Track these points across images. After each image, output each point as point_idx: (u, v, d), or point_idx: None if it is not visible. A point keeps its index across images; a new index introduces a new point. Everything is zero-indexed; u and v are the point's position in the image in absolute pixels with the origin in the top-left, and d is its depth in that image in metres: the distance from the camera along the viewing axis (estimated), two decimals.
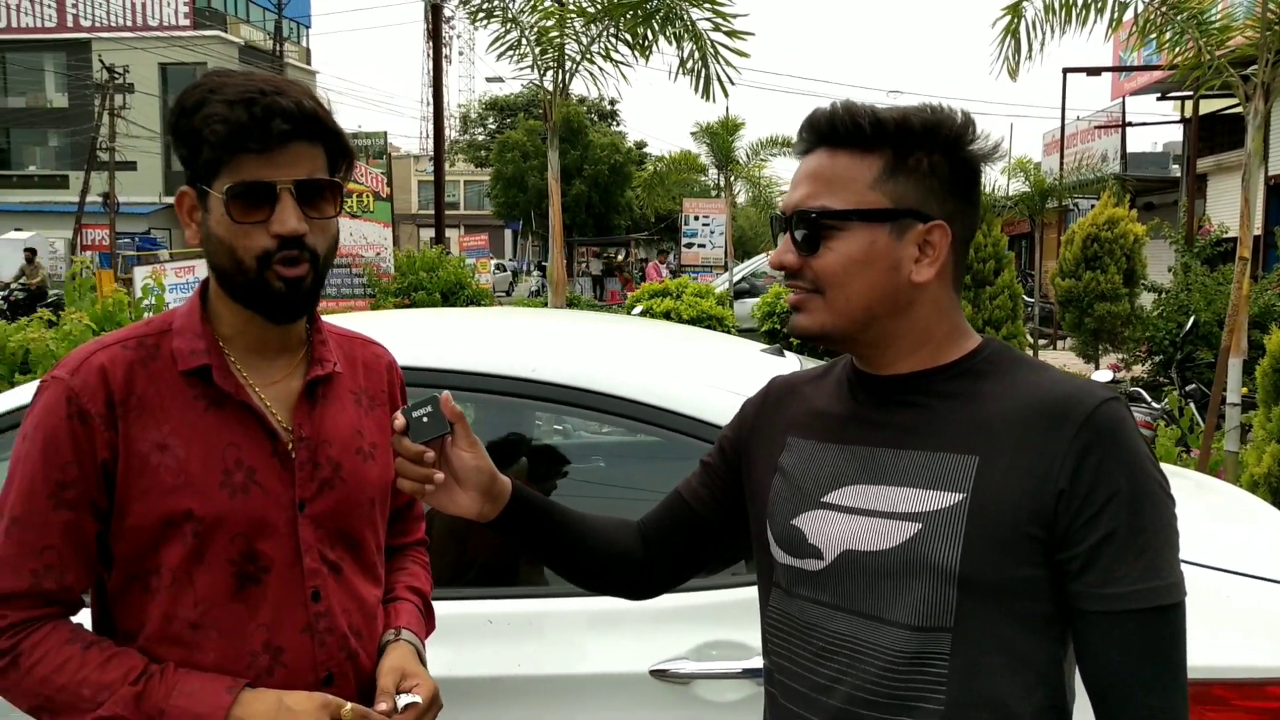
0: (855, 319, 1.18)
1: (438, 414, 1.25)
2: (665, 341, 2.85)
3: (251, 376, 1.38)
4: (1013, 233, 23.67)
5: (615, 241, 34.12)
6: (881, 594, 1.15)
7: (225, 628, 1.32)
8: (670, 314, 10.73)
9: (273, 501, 1.35)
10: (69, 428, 1.28)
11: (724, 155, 18.32)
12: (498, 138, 39.41)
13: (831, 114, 1.18)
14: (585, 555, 1.40)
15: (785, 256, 1.20)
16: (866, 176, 1.16)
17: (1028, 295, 15.23)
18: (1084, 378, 1.18)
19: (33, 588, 1.28)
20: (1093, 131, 24.98)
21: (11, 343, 4.45)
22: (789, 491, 1.26)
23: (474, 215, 53.40)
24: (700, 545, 1.43)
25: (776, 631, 1.27)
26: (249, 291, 1.32)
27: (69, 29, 42.91)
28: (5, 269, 33.63)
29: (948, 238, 1.18)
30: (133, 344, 1.35)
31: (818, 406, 1.30)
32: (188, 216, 1.36)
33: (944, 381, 1.19)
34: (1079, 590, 1.10)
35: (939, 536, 1.12)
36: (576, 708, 1.88)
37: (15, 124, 44.42)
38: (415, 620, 1.53)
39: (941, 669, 1.12)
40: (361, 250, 10.65)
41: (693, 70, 8.71)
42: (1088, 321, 11.81)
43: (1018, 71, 6.55)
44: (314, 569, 1.37)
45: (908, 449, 1.17)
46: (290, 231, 1.28)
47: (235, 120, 1.24)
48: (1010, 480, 1.10)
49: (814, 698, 1.19)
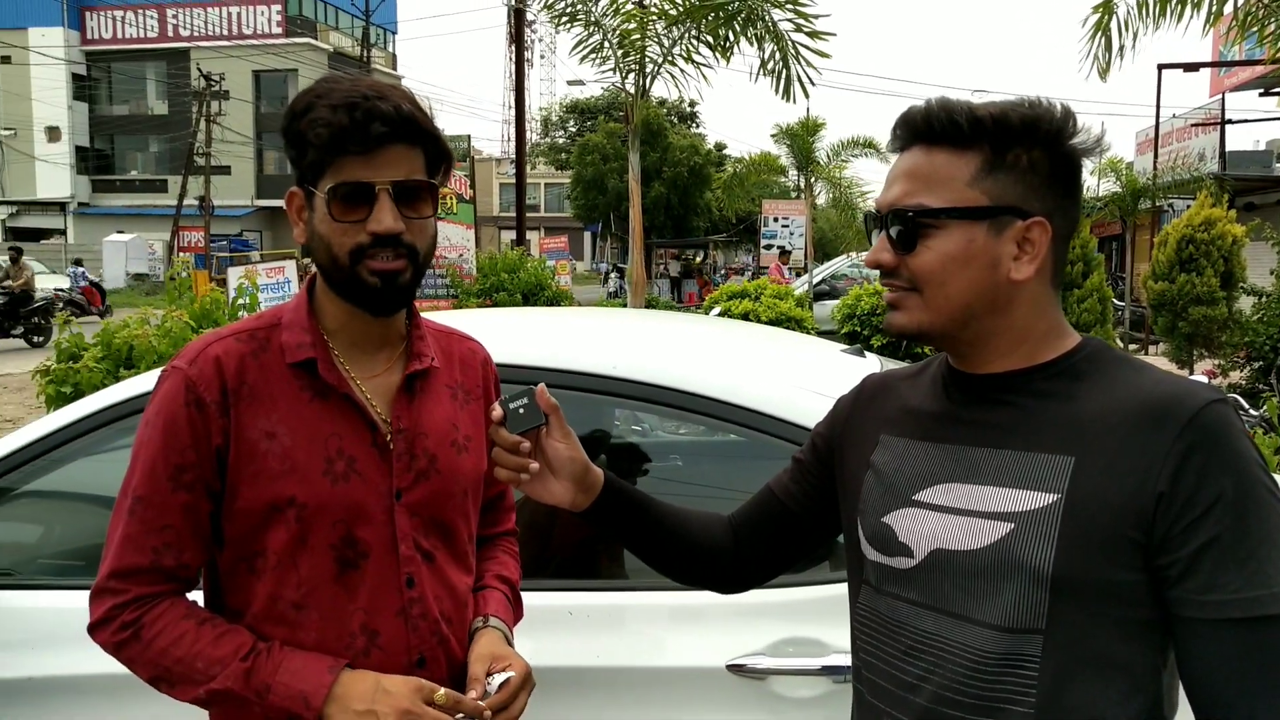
0: (953, 317, 1.17)
1: (533, 405, 1.29)
2: (745, 341, 2.86)
3: (354, 370, 1.44)
4: (1103, 234, 22.98)
5: (693, 243, 34.11)
6: (971, 594, 1.14)
7: (325, 609, 1.39)
8: (748, 316, 10.69)
9: (371, 490, 1.41)
10: (187, 414, 1.36)
11: (804, 156, 18.19)
12: (578, 140, 39.71)
13: (927, 111, 1.17)
14: (676, 547, 1.42)
15: (881, 255, 1.20)
16: (964, 174, 1.15)
17: (1118, 299, 14.79)
18: (1190, 379, 1.17)
19: (153, 564, 1.36)
20: (1189, 129, 24.10)
21: (117, 339, 4.66)
22: (880, 489, 1.26)
23: (554, 218, 53.88)
24: (790, 541, 1.44)
25: (865, 628, 1.27)
26: (346, 286, 1.39)
27: (169, 39, 44.58)
28: (111, 269, 35.17)
29: (1047, 234, 1.16)
30: (245, 336, 1.42)
31: (912, 404, 1.29)
32: (296, 215, 1.43)
33: (1041, 381, 1.17)
34: (1179, 597, 1.07)
35: (1032, 537, 1.10)
36: (652, 700, 1.90)
37: (119, 131, 46.34)
38: (503, 608, 1.58)
39: (1031, 672, 1.10)
40: (444, 252, 10.85)
41: (773, 71, 8.70)
42: (1182, 326, 11.42)
43: (1108, 71, 6.38)
44: (409, 556, 1.43)
45: (1002, 448, 1.16)
46: (385, 230, 1.34)
47: (337, 124, 1.31)
48: (1107, 482, 1.08)
49: (901, 696, 1.19)
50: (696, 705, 1.89)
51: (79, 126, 45.24)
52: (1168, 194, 17.78)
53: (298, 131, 1.35)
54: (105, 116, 46.19)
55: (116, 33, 45.20)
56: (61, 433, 2.15)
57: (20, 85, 43.56)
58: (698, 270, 31.05)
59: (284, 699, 1.31)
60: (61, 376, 4.54)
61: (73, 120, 44.77)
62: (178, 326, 4.70)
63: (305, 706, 1.31)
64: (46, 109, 43.76)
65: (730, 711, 1.88)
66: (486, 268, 10.95)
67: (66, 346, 4.73)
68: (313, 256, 1.42)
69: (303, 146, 1.35)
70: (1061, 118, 1.16)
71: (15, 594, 2.11)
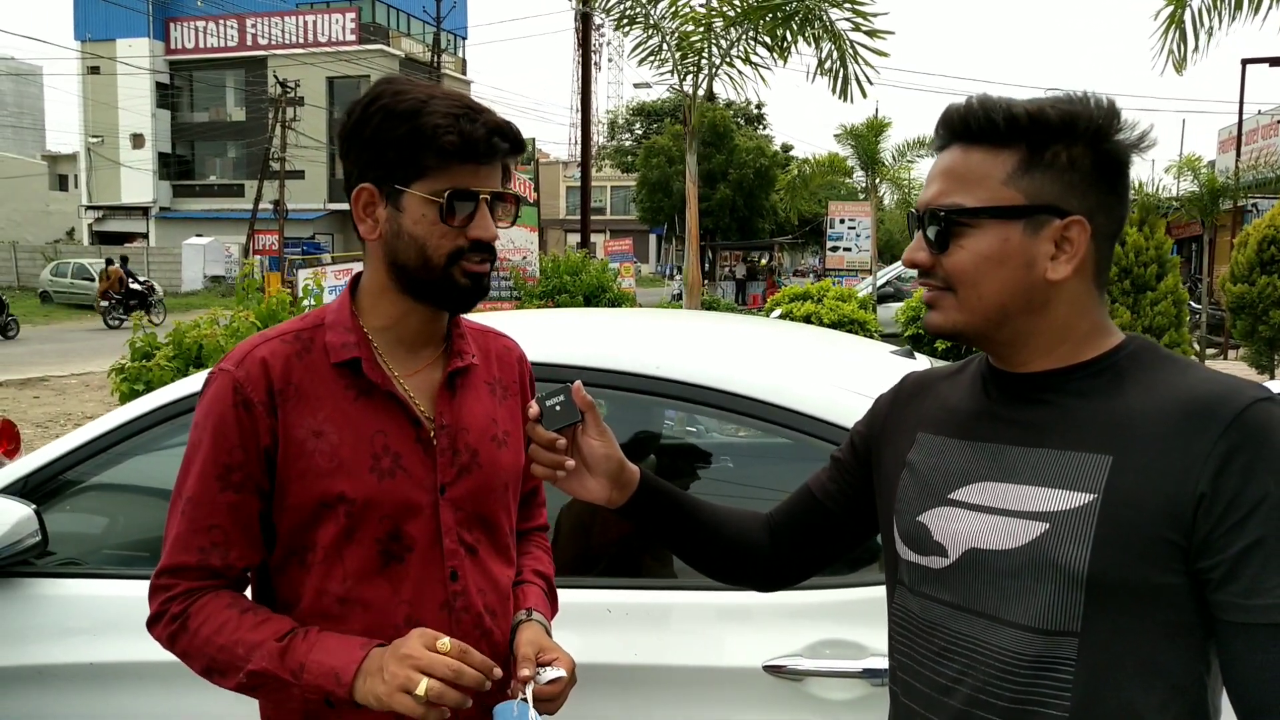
0: (988, 317, 1.16)
1: (569, 403, 1.31)
2: (791, 341, 2.85)
3: (396, 368, 1.47)
4: (1181, 236, 22.31)
5: (757, 245, 33.95)
6: (1005, 595, 1.12)
7: (370, 602, 1.42)
8: (811, 318, 10.62)
9: (416, 485, 1.44)
10: (235, 415, 1.39)
11: (869, 157, 18.00)
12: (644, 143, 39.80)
13: (966, 109, 1.17)
14: (712, 545, 1.43)
15: (917, 254, 1.20)
16: (1000, 173, 1.14)
17: (1195, 302, 14.34)
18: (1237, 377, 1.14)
19: (200, 563, 1.40)
20: (1275, 126, 23.29)
21: (187, 339, 4.82)
22: (916, 487, 1.25)
23: (620, 220, 54.07)
24: (828, 540, 1.44)
25: (900, 629, 1.26)
26: (430, 287, 1.43)
27: (248, 48, 45.81)
28: (189, 271, 36.28)
29: (1086, 233, 1.14)
30: (290, 338, 1.46)
31: (951, 402, 1.28)
32: (363, 211, 1.43)
33: (1081, 379, 1.15)
34: (1222, 601, 1.04)
35: (1067, 537, 1.08)
36: (688, 699, 1.90)
37: (199, 137, 47.77)
38: (541, 602, 1.60)
39: (1066, 675, 1.08)
40: (509, 254, 10.97)
41: (831, 71, 8.62)
42: (1262, 329, 11.03)
43: (1184, 65, 6.19)
44: (453, 550, 1.46)
45: (1039, 446, 1.14)
46: (490, 237, 1.42)
47: (468, 134, 1.36)
48: (1146, 482, 1.06)
49: (935, 698, 1.18)
50: (732, 705, 1.89)
51: (161, 133, 46.74)
52: (1250, 193, 17.17)
53: (408, 133, 1.35)
54: (186, 123, 47.64)
55: (198, 43, 46.58)
56: (123, 429, 2.24)
57: (107, 94, 45.18)
58: (766, 271, 30.89)
59: (317, 676, 1.33)
60: (135, 374, 4.71)
61: (156, 127, 46.28)
62: (245, 326, 4.84)
63: (336, 682, 1.32)
64: (131, 117, 45.30)
65: (766, 712, 1.88)
66: (549, 270, 11.04)
67: (140, 346, 4.91)
68: (392, 256, 1.42)
69: (411, 148, 1.36)
70: (1105, 114, 1.13)
71: (82, 582, 2.20)
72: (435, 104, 1.37)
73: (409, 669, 1.29)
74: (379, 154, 1.39)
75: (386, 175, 1.40)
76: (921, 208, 1.20)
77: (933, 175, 1.20)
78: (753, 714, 1.89)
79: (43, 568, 2.20)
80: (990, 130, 1.14)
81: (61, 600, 2.16)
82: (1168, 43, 6.41)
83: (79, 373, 14.67)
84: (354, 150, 1.42)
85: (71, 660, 2.10)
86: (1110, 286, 8.96)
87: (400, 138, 1.37)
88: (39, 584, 2.17)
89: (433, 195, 1.38)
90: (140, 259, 37.10)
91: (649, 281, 40.49)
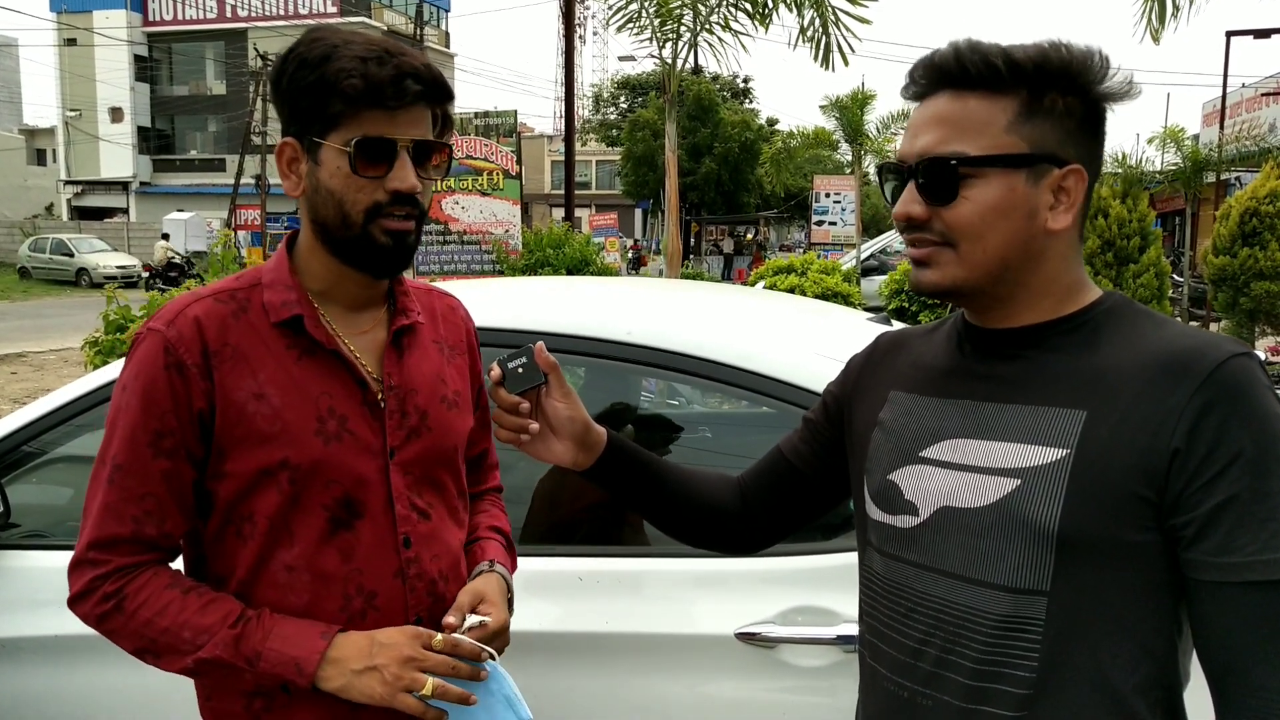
0: (990, 271, 1.12)
1: (532, 365, 1.28)
2: (765, 309, 2.83)
3: (340, 327, 1.41)
4: (1164, 209, 22.39)
5: (742, 220, 33.85)
6: (975, 553, 1.09)
7: (320, 572, 1.35)
8: (795, 290, 10.60)
9: (364, 449, 1.37)
10: (167, 378, 1.31)
11: (854, 129, 17.93)
12: (629, 117, 39.57)
13: (959, 54, 1.11)
14: (682, 507, 1.40)
15: (912, 208, 1.13)
16: (1002, 120, 1.09)
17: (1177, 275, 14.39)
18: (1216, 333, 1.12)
19: (135, 534, 1.31)
20: (1260, 99, 23.32)
21: None
22: (888, 446, 1.22)
23: (605, 195, 53.82)
24: (799, 502, 1.41)
25: (868, 591, 1.24)
26: (352, 245, 1.35)
27: (227, 20, 45.24)
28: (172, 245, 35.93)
29: (1084, 182, 1.12)
30: (225, 296, 1.38)
31: (924, 360, 1.25)
32: (287, 167, 1.37)
33: (1058, 335, 1.13)
34: (1193, 559, 1.02)
35: (1037, 493, 1.06)
36: (660, 667, 1.89)
37: (179, 110, 47.22)
38: (501, 555, 1.56)
39: (1035, 635, 1.06)
40: (491, 228, 10.88)
41: (813, 39, 8.56)
42: (1243, 302, 11.08)
43: (1161, 33, 6.17)
44: (405, 515, 1.40)
45: (1012, 402, 1.11)
46: (409, 188, 1.32)
47: (373, 76, 1.27)
48: (1119, 437, 1.03)
49: (904, 661, 1.15)
50: (705, 673, 1.88)
51: (140, 107, 46.16)
52: (1234, 167, 17.21)
53: (318, 80, 1.28)
54: (166, 97, 47.07)
55: (177, 14, 45.96)
56: (87, 398, 2.20)
57: (85, 67, 44.55)
58: (754, 246, 30.81)
59: (275, 666, 1.29)
60: (109, 347, 4.65)
61: (135, 101, 45.70)
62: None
63: (298, 673, 1.28)
64: (110, 90, 44.72)
65: (739, 679, 1.87)
66: (532, 243, 10.97)
67: (114, 319, 4.84)
68: (312, 212, 1.36)
69: (322, 96, 1.28)
70: (1099, 61, 1.11)
71: (47, 554, 2.16)
72: (348, 49, 1.28)
73: (413, 671, 1.28)
74: (295, 105, 1.33)
75: (304, 128, 1.33)
76: (913, 158, 1.13)
77: (921, 123, 1.13)
78: (725, 681, 1.88)
79: (6, 539, 2.16)
80: (990, 75, 1.09)
81: (26, 572, 2.13)
82: (1146, 10, 6.37)
83: (57, 348, 14.54)
84: (277, 104, 1.35)
85: (37, 633, 2.07)
86: (1093, 259, 8.99)
87: (310, 85, 1.29)
88: (3, 556, 2.14)
89: (344, 146, 1.30)
90: (120, 234, 36.75)
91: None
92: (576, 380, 3.05)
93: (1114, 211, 8.90)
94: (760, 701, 1.87)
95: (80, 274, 29.70)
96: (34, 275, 30.41)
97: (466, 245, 9.91)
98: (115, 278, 27.74)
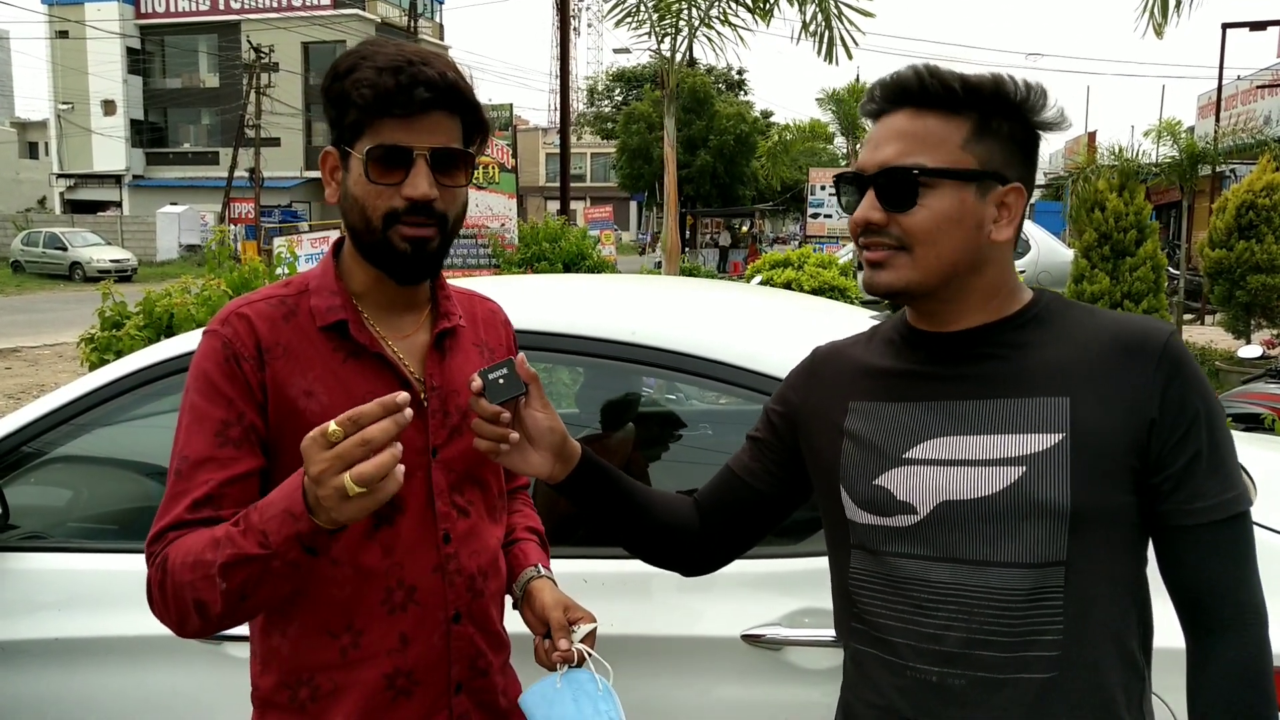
0: (941, 274, 1.23)
1: (513, 376, 1.30)
2: (768, 307, 2.82)
3: (384, 330, 1.45)
4: (1160, 202, 22.42)
5: (738, 212, 33.84)
6: (986, 539, 1.19)
7: (362, 565, 1.39)
8: (791, 285, 10.59)
9: (408, 447, 1.36)
10: (227, 369, 1.36)
11: (850, 122, 17.92)
12: (624, 109, 39.51)
13: (920, 76, 1.22)
14: (645, 525, 1.44)
15: (871, 213, 1.23)
16: (957, 137, 1.21)
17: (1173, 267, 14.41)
18: (1134, 314, 1.31)
19: (190, 522, 1.31)
20: (1255, 91, 23.33)
21: (158, 308, 4.73)
22: (862, 454, 1.29)
23: (600, 188, 53.80)
24: (755, 518, 1.47)
25: (867, 590, 1.29)
26: (375, 250, 1.39)
27: (220, 12, 45.05)
28: (164, 240, 35.84)
29: (1022, 199, 1.25)
30: (276, 302, 1.43)
31: (876, 369, 1.33)
32: (329, 175, 1.44)
33: (1012, 332, 1.25)
34: (1169, 509, 1.19)
35: (1046, 476, 1.17)
36: (666, 669, 1.89)
37: (172, 103, 47.06)
38: (543, 558, 1.61)
39: (1057, 602, 1.17)
40: (486, 221, 10.86)
41: (816, 33, 8.53)
42: (1239, 295, 11.10)
43: (1164, 27, 6.16)
44: (445, 512, 1.44)
45: (995, 398, 1.22)
46: (420, 196, 1.34)
47: (381, 85, 1.31)
48: (1105, 415, 1.18)
49: (921, 648, 1.22)
50: (710, 675, 1.88)
51: (133, 100, 46.00)
52: (1229, 159, 17.21)
53: (340, 91, 1.35)
54: (159, 90, 46.89)
55: (169, 6, 45.75)
56: (86, 399, 2.19)
57: (77, 60, 44.36)
58: (748, 239, 30.78)
59: (279, 528, 1.20)
60: (105, 344, 4.63)
61: (127, 94, 45.54)
62: (216, 295, 4.76)
63: (294, 519, 1.19)
64: (102, 83, 44.54)
65: (744, 681, 1.87)
66: (528, 237, 10.95)
67: (110, 315, 4.82)
68: (344, 218, 1.42)
69: (344, 106, 1.35)
70: (1040, 93, 1.24)
71: (47, 556, 2.15)
72: (372, 59, 1.34)
73: (330, 480, 1.13)
74: (330, 115, 1.40)
75: (339, 137, 1.40)
76: (874, 167, 1.23)
77: (883, 137, 1.24)
78: (731, 683, 1.88)
79: (5, 541, 2.15)
80: (948, 97, 1.21)
81: (25, 575, 2.12)
82: (1148, 5, 6.36)
83: (52, 343, 14.50)
84: (327, 112, 1.41)
85: (37, 635, 2.06)
86: (1090, 252, 8.98)
87: (336, 96, 1.36)
88: (1, 558, 2.13)
89: (363, 153, 1.35)
90: (114, 228, 36.63)
91: (630, 249, 40.33)
92: (576, 379, 3.04)
93: (1110, 205, 8.89)
94: (766, 703, 1.87)
95: (74, 268, 29.62)
96: (27, 270, 30.33)
97: (462, 239, 9.89)
98: (109, 272, 27.74)
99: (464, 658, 1.46)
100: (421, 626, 1.42)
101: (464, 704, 1.47)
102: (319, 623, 1.40)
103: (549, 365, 2.26)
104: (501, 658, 1.55)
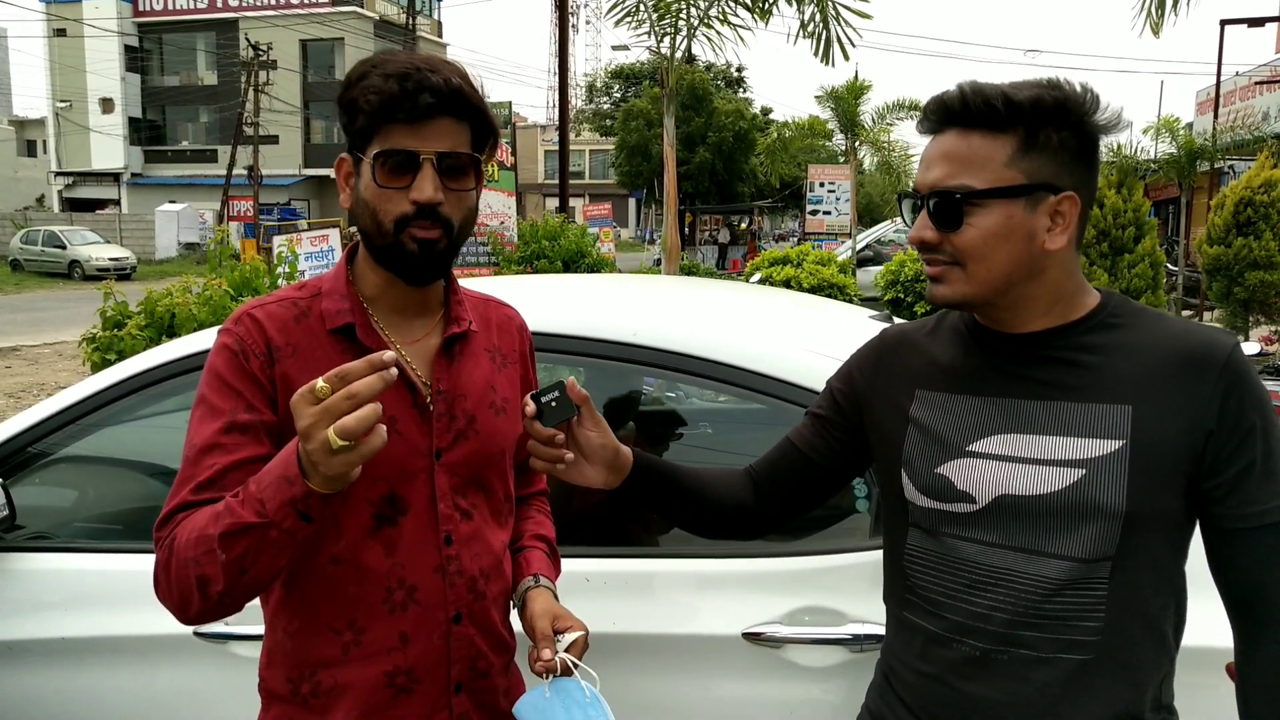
0: (995, 287, 1.28)
1: (564, 398, 1.36)
2: (769, 307, 2.83)
3: (393, 334, 1.48)
4: (1158, 198, 22.42)
5: (736, 209, 33.81)
6: (1043, 531, 1.26)
7: (363, 564, 1.42)
8: (790, 282, 10.60)
9: (411, 449, 1.43)
10: (238, 364, 1.39)
11: (849, 119, 17.90)
12: (622, 106, 39.45)
13: (963, 96, 1.26)
14: (703, 507, 1.54)
15: (924, 233, 1.30)
16: (1001, 155, 1.25)
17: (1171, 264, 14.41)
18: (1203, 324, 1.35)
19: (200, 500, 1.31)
20: (1253, 88, 23.31)
21: (159, 308, 4.75)
22: (927, 442, 1.36)
23: (599, 185, 53.72)
24: (812, 489, 1.55)
25: (918, 566, 1.38)
26: (387, 253, 1.42)
27: (218, 9, 44.95)
28: (163, 239, 35.77)
29: (1077, 207, 1.27)
30: (288, 304, 1.47)
31: (942, 360, 1.39)
32: (344, 181, 1.47)
33: (1080, 335, 1.30)
34: (1221, 513, 1.25)
35: (1104, 480, 1.24)
36: (666, 667, 1.90)
37: (170, 101, 46.97)
38: (546, 566, 1.63)
39: (1101, 591, 1.25)
40: (486, 219, 10.86)
41: (813, 33, 8.54)
42: (1237, 291, 11.11)
43: (1161, 26, 6.17)
44: (447, 514, 1.46)
45: (1060, 401, 1.28)
46: (427, 199, 1.37)
47: (388, 92, 1.35)
48: (1164, 425, 1.23)
49: (969, 625, 1.31)
50: (711, 673, 1.89)
51: (131, 98, 45.92)
52: (1228, 155, 17.22)
53: (351, 98, 1.39)
54: (157, 88, 46.81)
55: (167, 4, 45.66)
56: (92, 400, 2.20)
57: (75, 58, 44.29)
58: (747, 236, 30.74)
59: (276, 494, 1.22)
60: (107, 344, 4.64)
61: (125, 92, 45.45)
62: (217, 294, 4.77)
63: (290, 485, 1.21)
64: (100, 81, 44.46)
65: (745, 680, 1.88)
66: (528, 235, 10.96)
67: (112, 315, 4.83)
68: (357, 223, 1.45)
69: (354, 112, 1.39)
70: (1091, 99, 1.26)
71: (53, 556, 2.17)
72: (382, 67, 1.37)
73: (316, 434, 1.15)
74: (343, 121, 1.43)
75: (351, 143, 1.43)
76: (926, 189, 1.29)
77: (932, 158, 1.30)
78: (732, 681, 1.89)
79: (11, 541, 2.16)
80: (990, 115, 1.25)
81: (31, 575, 2.13)
82: (1146, 4, 6.37)
83: (52, 342, 14.51)
84: (340, 119, 1.45)
85: (43, 635, 2.08)
86: (1088, 249, 9.00)
87: (346, 103, 1.40)
88: (8, 558, 2.14)
89: (372, 158, 1.38)
90: (113, 226, 36.59)
91: (628, 246, 40.29)
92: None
93: (1109, 201, 8.91)
94: (767, 701, 1.88)
95: (73, 266, 29.56)
96: (26, 268, 30.27)
97: None
98: (108, 270, 27.70)
99: (464, 658, 1.48)
100: (422, 626, 1.44)
101: (464, 704, 1.48)
102: (322, 619, 1.43)
103: (550, 365, 2.27)
104: (504, 659, 1.56)
